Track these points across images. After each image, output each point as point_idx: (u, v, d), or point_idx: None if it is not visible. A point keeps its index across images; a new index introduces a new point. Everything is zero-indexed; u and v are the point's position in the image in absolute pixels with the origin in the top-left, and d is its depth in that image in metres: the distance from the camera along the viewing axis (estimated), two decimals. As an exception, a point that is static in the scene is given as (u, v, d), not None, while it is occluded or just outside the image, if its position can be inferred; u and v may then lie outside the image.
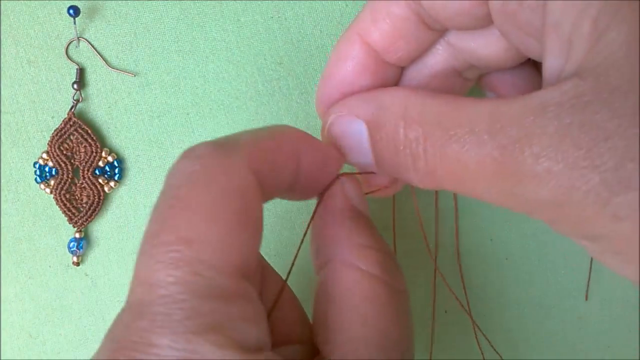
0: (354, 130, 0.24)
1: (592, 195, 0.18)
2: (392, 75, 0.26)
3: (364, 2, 0.34)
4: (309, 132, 0.35)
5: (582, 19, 0.19)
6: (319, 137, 0.27)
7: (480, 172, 0.20)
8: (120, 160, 0.35)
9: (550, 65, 0.20)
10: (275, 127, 0.24)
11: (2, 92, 0.34)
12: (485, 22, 0.23)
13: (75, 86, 0.34)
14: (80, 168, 0.35)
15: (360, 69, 0.26)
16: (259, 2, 0.34)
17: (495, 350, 0.37)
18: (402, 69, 0.27)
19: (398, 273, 0.23)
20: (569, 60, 0.19)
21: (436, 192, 0.36)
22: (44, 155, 0.34)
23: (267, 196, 0.22)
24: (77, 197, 0.35)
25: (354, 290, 0.22)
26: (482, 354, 0.37)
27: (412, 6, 0.24)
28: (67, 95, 0.34)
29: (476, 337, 0.37)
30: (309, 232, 0.26)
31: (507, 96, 0.20)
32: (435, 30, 0.25)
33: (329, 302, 0.22)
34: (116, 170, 0.35)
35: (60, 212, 0.35)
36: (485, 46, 0.25)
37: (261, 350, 0.19)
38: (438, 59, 0.27)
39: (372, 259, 0.22)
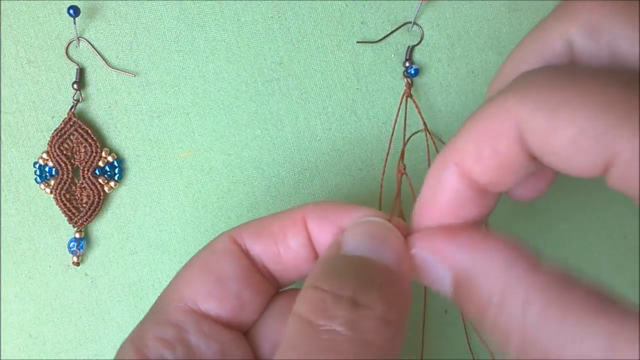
0: (437, 274, 0.23)
1: None
2: (491, 202, 0.25)
3: (364, 2, 0.34)
4: (308, 133, 0.35)
5: None
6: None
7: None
8: (120, 160, 0.35)
9: None
10: (283, 211, 0.27)
11: (2, 92, 0.34)
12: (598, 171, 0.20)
13: (75, 86, 0.34)
14: (80, 168, 0.35)
15: (459, 201, 0.24)
16: (259, 2, 0.34)
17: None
18: (498, 198, 0.25)
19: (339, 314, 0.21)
20: None
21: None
22: (44, 155, 0.34)
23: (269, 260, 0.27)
24: (77, 197, 0.35)
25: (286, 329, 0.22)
26: (472, 354, 0.37)
27: (520, 143, 0.21)
28: (67, 95, 0.34)
29: (467, 338, 0.37)
30: None
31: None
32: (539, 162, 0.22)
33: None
34: (116, 170, 0.35)
35: (60, 212, 0.35)
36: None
37: None
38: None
39: (304, 299, 0.22)
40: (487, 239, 0.22)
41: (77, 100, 0.34)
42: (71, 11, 0.32)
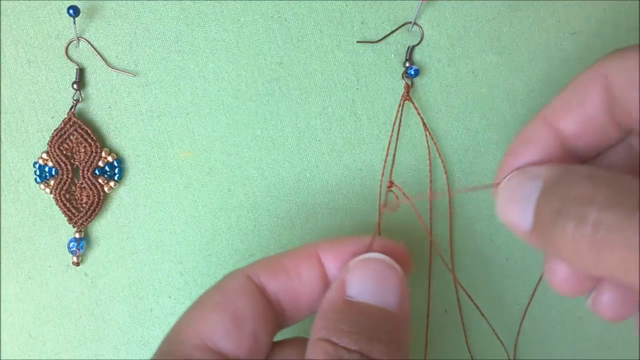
0: (529, 185, 0.24)
1: None
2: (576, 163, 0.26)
3: (364, 2, 0.34)
4: (308, 133, 0.35)
5: None
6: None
7: None
8: (120, 160, 0.35)
9: None
10: (298, 248, 0.28)
11: (2, 92, 0.34)
12: None
13: (75, 86, 0.34)
14: (80, 168, 0.35)
15: (545, 154, 0.26)
16: (259, 2, 0.34)
17: (504, 346, 0.37)
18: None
19: None
20: None
21: (449, 196, 0.36)
22: (44, 155, 0.34)
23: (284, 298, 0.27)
24: (77, 197, 0.35)
25: None
26: (470, 354, 0.37)
27: (605, 99, 0.24)
28: (67, 95, 0.34)
29: (465, 339, 0.37)
30: None
31: None
32: (622, 130, 0.25)
33: None
34: (116, 170, 0.35)
35: (60, 212, 0.35)
36: None
37: None
38: (617, 158, 0.27)
39: (318, 349, 0.24)
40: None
41: (77, 100, 0.34)
42: (71, 11, 0.32)
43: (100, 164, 0.34)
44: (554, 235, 0.22)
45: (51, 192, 0.34)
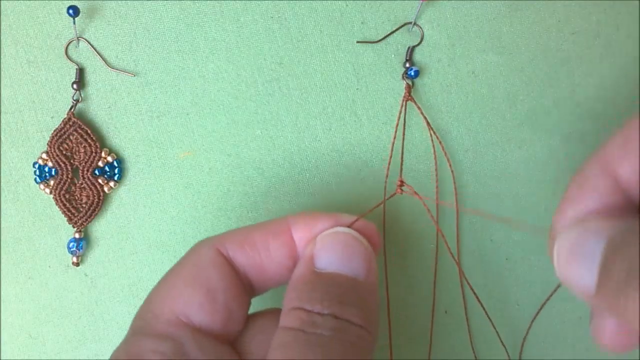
0: (591, 242, 0.23)
1: None
2: (630, 211, 0.25)
3: (364, 2, 0.34)
4: (308, 133, 0.35)
5: None
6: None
7: None
8: (120, 160, 0.35)
9: None
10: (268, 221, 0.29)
11: (2, 92, 0.34)
12: None
13: (75, 86, 0.34)
14: (80, 168, 0.35)
15: (600, 198, 0.24)
16: (259, 2, 0.34)
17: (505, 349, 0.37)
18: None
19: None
20: None
21: (456, 198, 0.36)
22: (44, 155, 0.34)
23: (251, 265, 0.27)
24: (76, 197, 0.35)
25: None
26: (475, 354, 0.37)
27: None
28: (67, 95, 0.34)
29: (470, 339, 0.37)
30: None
31: None
32: None
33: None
34: (116, 170, 0.35)
35: (60, 212, 0.35)
36: None
37: None
38: None
39: (292, 316, 0.25)
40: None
41: (77, 100, 0.34)
42: (71, 11, 0.32)
43: (100, 164, 0.34)
44: (624, 300, 0.21)
45: (51, 192, 0.34)
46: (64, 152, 0.34)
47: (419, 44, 0.35)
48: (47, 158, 0.34)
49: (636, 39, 0.35)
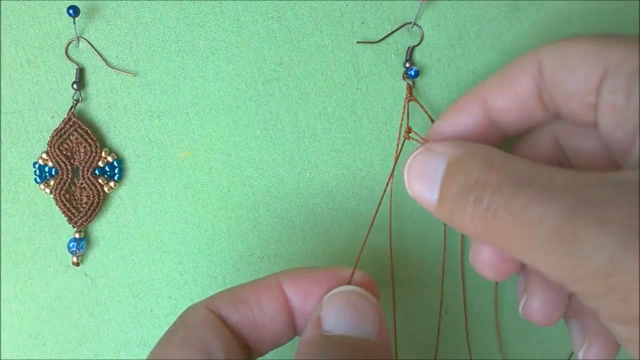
0: (434, 162, 0.26)
1: None
2: (494, 141, 0.29)
3: (364, 2, 0.34)
4: (308, 133, 0.35)
5: None
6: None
7: (542, 226, 0.21)
8: (120, 160, 0.35)
9: (634, 153, 0.23)
10: (258, 279, 0.28)
11: (2, 92, 0.34)
12: (590, 115, 0.25)
13: (75, 86, 0.34)
14: (80, 168, 0.35)
15: (471, 123, 0.28)
16: (259, 2, 0.34)
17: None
18: (503, 141, 0.29)
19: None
20: None
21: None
22: (44, 155, 0.34)
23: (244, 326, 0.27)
24: (77, 197, 0.35)
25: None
26: (470, 354, 0.37)
27: (536, 79, 0.26)
28: (67, 95, 0.34)
29: (467, 338, 0.37)
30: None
31: (584, 169, 0.23)
32: (548, 113, 0.27)
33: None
34: (116, 170, 0.35)
35: (60, 212, 0.35)
36: (583, 144, 0.27)
37: None
38: (539, 142, 0.29)
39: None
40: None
41: (77, 100, 0.34)
42: (71, 11, 0.32)
43: (100, 164, 0.34)
44: (457, 214, 0.24)
45: (51, 192, 0.34)
46: (64, 152, 0.34)
47: (419, 44, 0.35)
48: (47, 158, 0.34)
49: (636, 39, 0.35)
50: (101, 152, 0.34)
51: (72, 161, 0.35)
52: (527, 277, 0.29)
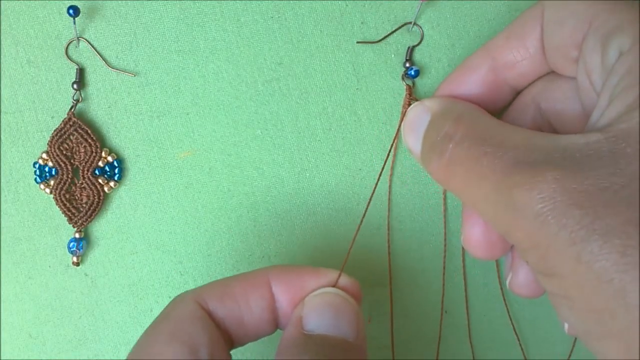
0: (422, 116, 0.28)
1: (566, 231, 0.20)
2: (503, 96, 0.30)
3: (364, 2, 0.34)
4: (308, 133, 0.35)
5: (629, 91, 0.22)
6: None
7: (487, 178, 0.23)
8: (120, 160, 0.35)
9: (593, 116, 0.24)
10: (245, 273, 0.28)
11: (2, 92, 0.34)
12: (570, 66, 0.27)
13: (75, 86, 0.34)
14: (80, 168, 0.35)
15: (479, 80, 0.30)
16: (259, 2, 0.34)
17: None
18: (512, 96, 0.31)
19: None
20: (604, 114, 0.22)
21: (444, 193, 0.36)
22: (44, 155, 0.34)
23: (230, 318, 0.27)
24: (77, 197, 0.35)
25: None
26: (473, 354, 0.37)
27: (541, 31, 0.28)
28: (67, 95, 0.34)
29: (470, 338, 0.37)
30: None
31: (543, 132, 0.24)
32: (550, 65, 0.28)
33: None
34: (116, 170, 0.35)
35: (60, 212, 0.35)
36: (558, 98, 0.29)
37: None
38: (522, 108, 0.30)
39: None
40: (467, 102, 0.29)
41: (77, 100, 0.34)
42: (71, 11, 0.32)
43: (100, 164, 0.34)
44: (428, 164, 0.27)
45: (51, 192, 0.34)
46: (64, 152, 0.34)
47: (418, 44, 0.35)
48: (47, 158, 0.34)
49: (636, 39, 0.35)
50: (101, 152, 0.34)
51: (72, 161, 0.35)
52: (513, 254, 0.31)
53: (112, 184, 0.35)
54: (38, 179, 0.34)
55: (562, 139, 0.22)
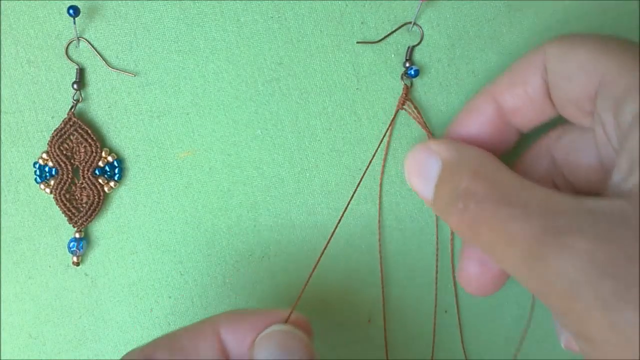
0: (430, 162, 0.28)
1: (600, 300, 0.20)
2: (509, 137, 0.31)
3: (364, 2, 0.34)
4: (308, 133, 0.35)
5: None
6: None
7: (517, 243, 0.23)
8: (120, 160, 0.35)
9: (614, 177, 0.24)
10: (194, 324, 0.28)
11: (2, 92, 0.34)
12: (584, 118, 0.27)
13: (75, 86, 0.34)
14: (80, 168, 0.35)
15: (485, 123, 0.30)
16: (259, 2, 0.34)
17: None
18: (518, 137, 0.31)
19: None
20: (627, 180, 0.23)
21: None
22: (44, 155, 0.34)
23: None
24: (77, 197, 0.35)
25: None
26: (465, 354, 0.37)
27: (544, 78, 0.28)
28: (67, 95, 0.34)
29: (462, 340, 0.37)
30: None
31: (563, 193, 0.24)
32: (558, 109, 0.29)
33: None
34: (116, 170, 0.35)
35: (60, 212, 0.35)
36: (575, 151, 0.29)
37: None
38: (536, 159, 0.31)
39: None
40: (479, 148, 0.29)
41: (77, 100, 0.34)
42: (71, 11, 0.32)
43: (100, 164, 0.34)
44: (448, 217, 0.27)
45: (51, 192, 0.34)
46: (64, 152, 0.34)
47: (418, 44, 0.35)
48: (48, 158, 0.34)
49: (636, 39, 0.35)
50: (101, 152, 0.34)
51: (72, 161, 0.35)
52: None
53: (112, 184, 0.35)
54: (38, 179, 0.34)
55: (586, 202, 0.22)
